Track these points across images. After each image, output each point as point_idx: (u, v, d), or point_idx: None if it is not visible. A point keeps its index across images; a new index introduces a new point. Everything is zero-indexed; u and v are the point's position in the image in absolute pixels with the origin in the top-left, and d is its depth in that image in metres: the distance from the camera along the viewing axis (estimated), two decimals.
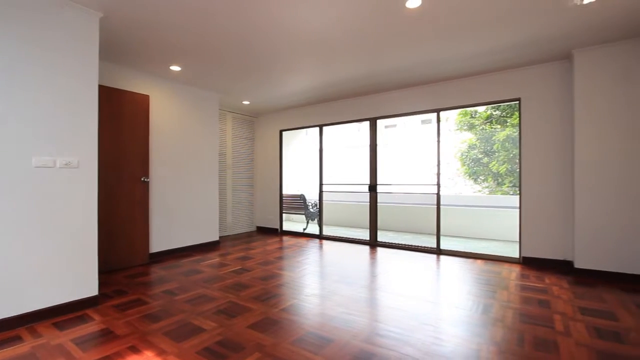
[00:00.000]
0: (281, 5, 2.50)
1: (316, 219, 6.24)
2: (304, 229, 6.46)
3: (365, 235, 5.57)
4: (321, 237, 5.65)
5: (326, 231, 5.92)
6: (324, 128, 5.73)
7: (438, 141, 4.49)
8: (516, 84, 3.91)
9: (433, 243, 4.64)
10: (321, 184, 5.73)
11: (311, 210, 6.75)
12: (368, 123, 5.18)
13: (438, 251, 4.45)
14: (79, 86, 2.52)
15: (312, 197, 6.71)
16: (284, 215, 6.67)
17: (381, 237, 5.26)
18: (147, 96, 3.89)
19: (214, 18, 2.70)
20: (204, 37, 3.06)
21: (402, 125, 11.45)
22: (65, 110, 2.44)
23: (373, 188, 5.12)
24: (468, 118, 8.84)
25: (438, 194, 4.46)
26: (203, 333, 2.12)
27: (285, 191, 6.46)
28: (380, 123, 5.23)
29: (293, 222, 7.79)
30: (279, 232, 6.21)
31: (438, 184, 4.47)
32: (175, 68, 3.91)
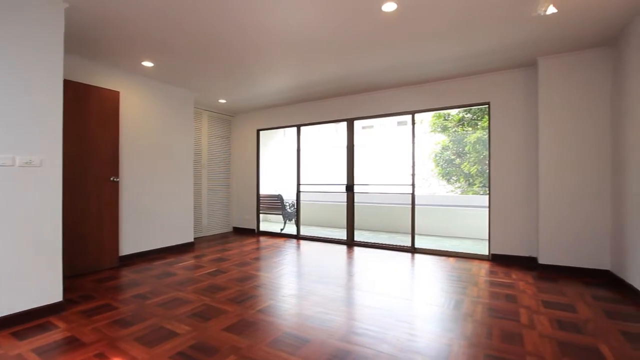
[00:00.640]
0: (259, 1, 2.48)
1: (294, 219, 6.22)
2: (282, 229, 6.43)
3: (342, 235, 5.62)
4: (299, 237, 5.64)
5: (304, 231, 5.92)
6: (302, 128, 5.72)
7: (413, 142, 4.60)
8: (486, 89, 4.08)
9: (408, 242, 4.75)
10: (299, 184, 5.72)
11: (289, 210, 6.72)
12: (345, 124, 5.23)
13: (413, 250, 4.56)
14: (42, 79, 2.37)
15: (290, 197, 6.68)
16: (261, 215, 6.60)
17: (358, 237, 5.32)
18: (118, 92, 3.73)
19: (181, 13, 2.63)
20: (173, 33, 2.97)
21: (379, 126, 11.64)
22: (25, 104, 2.29)
23: (350, 188, 5.18)
24: (441, 120, 9.12)
25: (413, 194, 4.57)
26: (176, 337, 2.06)
27: (262, 191, 6.39)
28: (357, 124, 5.29)
29: (270, 223, 7.73)
30: (256, 233, 6.14)
31: (413, 184, 4.58)
32: (147, 64, 3.77)
